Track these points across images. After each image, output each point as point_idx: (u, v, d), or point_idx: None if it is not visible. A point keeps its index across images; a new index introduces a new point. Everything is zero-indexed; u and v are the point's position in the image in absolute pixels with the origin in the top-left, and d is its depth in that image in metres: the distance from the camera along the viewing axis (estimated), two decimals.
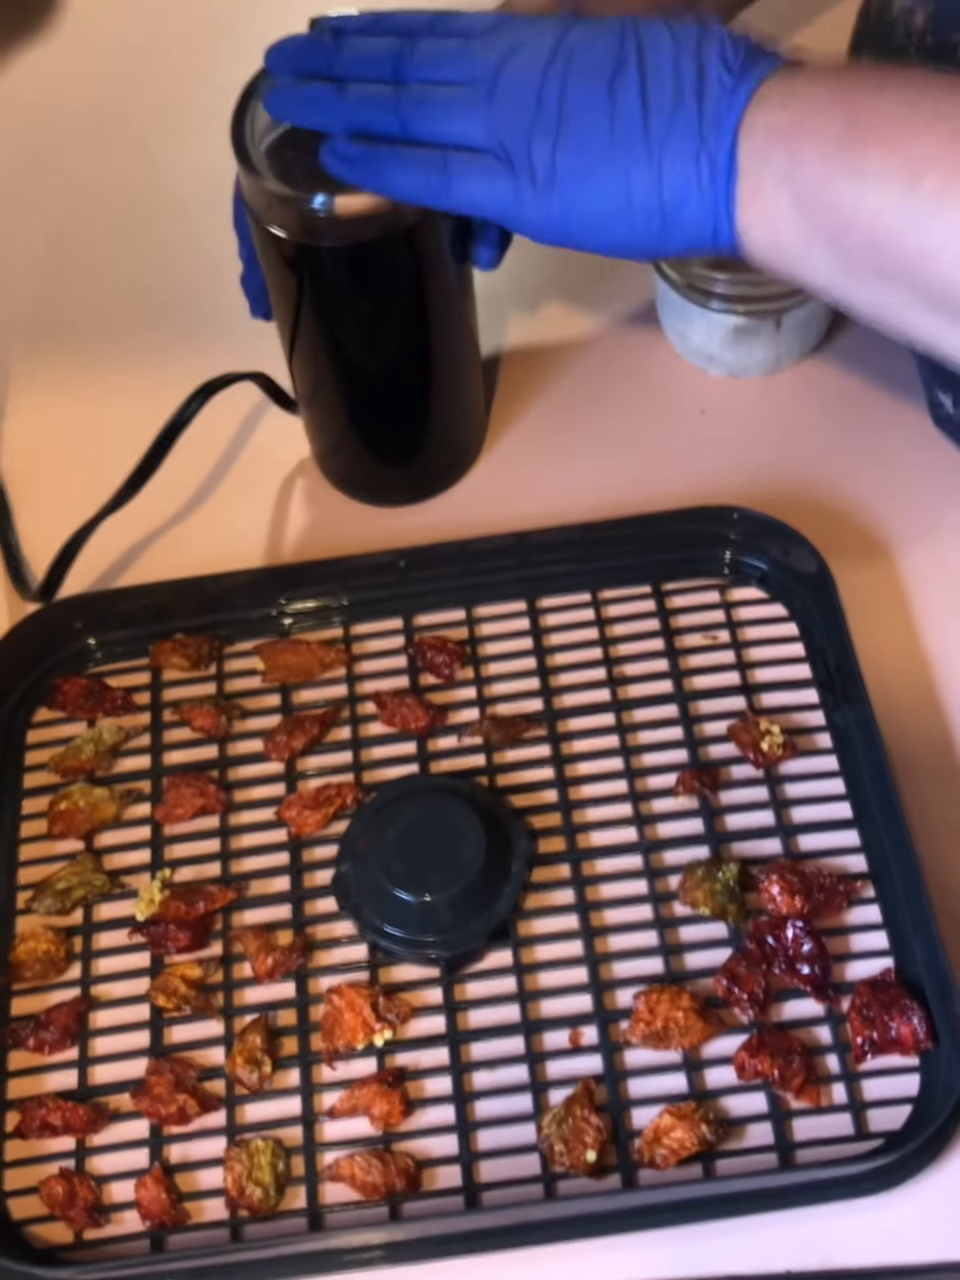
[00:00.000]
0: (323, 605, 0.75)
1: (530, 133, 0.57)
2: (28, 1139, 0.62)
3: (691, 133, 0.55)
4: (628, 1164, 0.59)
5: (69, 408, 0.86)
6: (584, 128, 0.57)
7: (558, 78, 0.57)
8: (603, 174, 0.57)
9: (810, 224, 0.54)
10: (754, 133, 0.54)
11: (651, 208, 0.57)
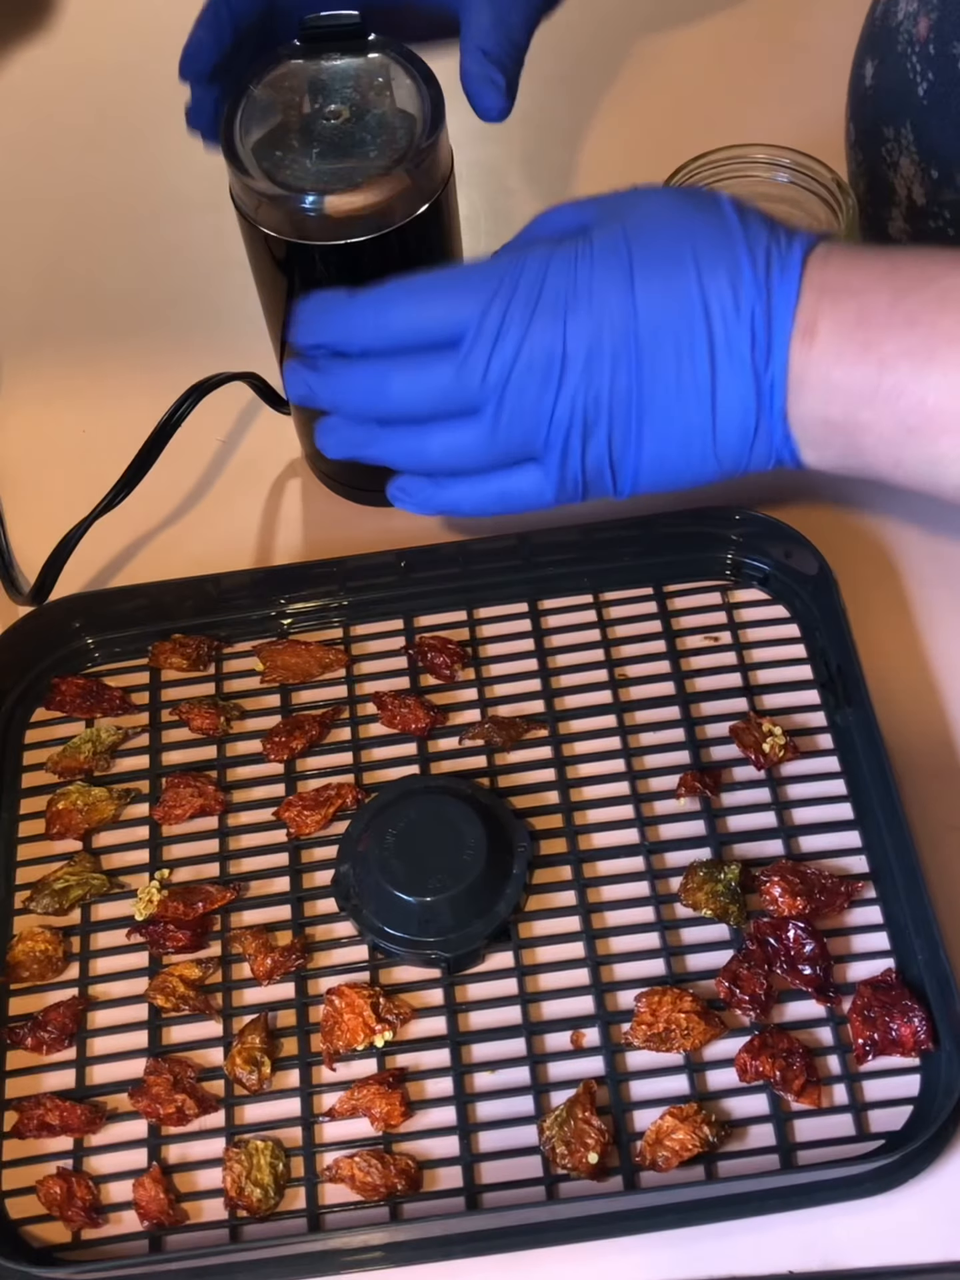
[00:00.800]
0: (322, 605, 0.75)
1: (562, 450, 0.56)
2: (25, 1138, 0.61)
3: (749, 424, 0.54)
4: (629, 1166, 0.59)
5: (63, 410, 0.86)
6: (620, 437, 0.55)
7: (575, 396, 0.54)
8: (664, 471, 0.56)
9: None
10: (806, 423, 0.54)
11: (712, 474, 0.57)
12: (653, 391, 0.53)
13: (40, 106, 1.01)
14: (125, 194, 0.95)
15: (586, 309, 0.52)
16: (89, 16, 1.05)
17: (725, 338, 0.52)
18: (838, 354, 0.51)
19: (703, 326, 0.52)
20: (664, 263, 0.52)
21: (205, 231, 0.91)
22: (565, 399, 0.54)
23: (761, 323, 0.51)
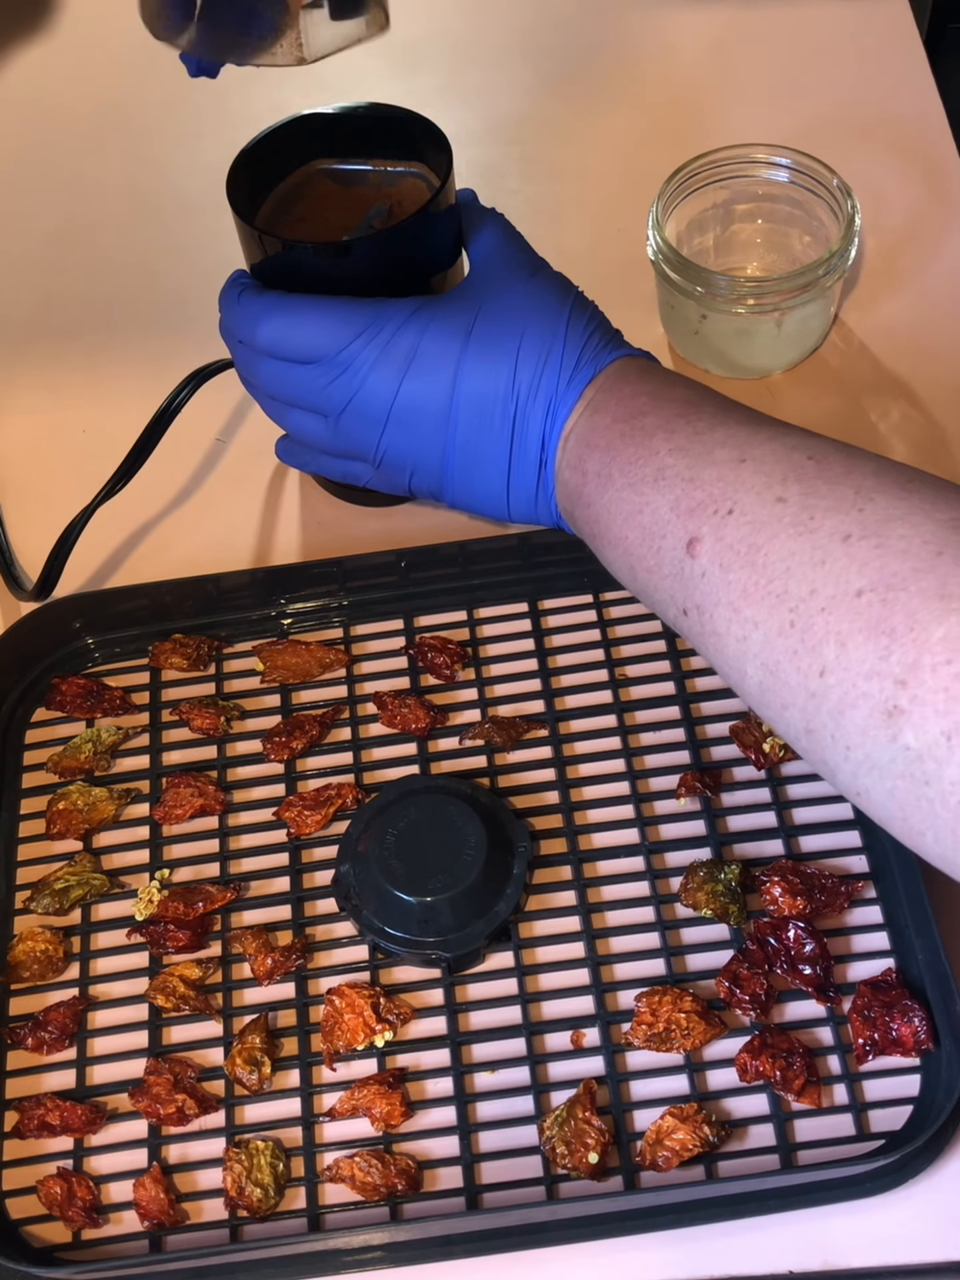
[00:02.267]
0: (322, 605, 0.75)
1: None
2: (26, 1138, 0.61)
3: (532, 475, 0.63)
4: (630, 1166, 0.59)
5: (63, 409, 0.86)
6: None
7: (394, 442, 0.64)
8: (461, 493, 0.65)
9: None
10: (560, 507, 0.63)
11: (511, 520, 0.65)
12: (460, 457, 0.63)
13: (40, 106, 1.01)
14: (125, 194, 0.96)
15: (420, 374, 0.62)
16: (89, 16, 1.05)
17: (523, 427, 0.61)
18: (569, 460, 0.60)
19: (508, 413, 0.61)
20: (493, 351, 0.61)
21: (205, 231, 0.91)
22: (387, 441, 0.63)
23: (547, 424, 0.61)
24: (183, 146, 0.98)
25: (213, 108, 0.98)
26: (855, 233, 0.78)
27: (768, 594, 0.51)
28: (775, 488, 0.53)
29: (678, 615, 0.56)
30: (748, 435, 0.56)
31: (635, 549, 0.57)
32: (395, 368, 0.62)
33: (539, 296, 0.62)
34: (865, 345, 0.84)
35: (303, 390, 0.64)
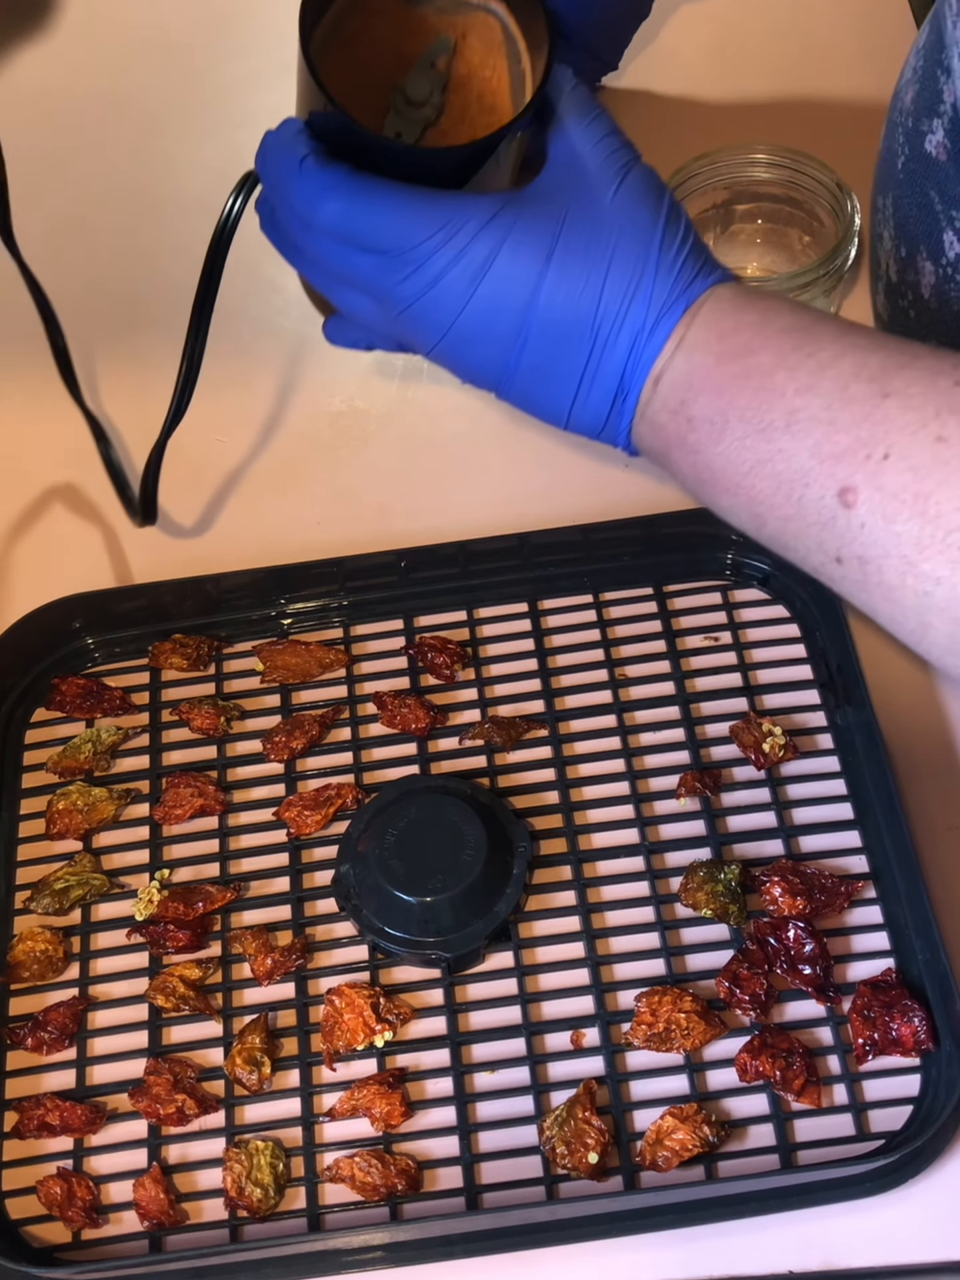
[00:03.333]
0: (322, 605, 0.75)
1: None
2: (25, 1139, 0.61)
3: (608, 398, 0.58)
4: (629, 1166, 0.59)
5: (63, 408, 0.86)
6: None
7: (460, 351, 0.58)
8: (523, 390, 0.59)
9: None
10: (640, 443, 0.58)
11: (558, 424, 0.59)
12: (526, 374, 0.57)
13: (40, 106, 1.01)
14: (125, 194, 0.95)
15: (494, 289, 0.56)
16: (89, 16, 1.05)
17: (601, 359, 0.56)
18: (664, 402, 0.56)
19: (586, 342, 0.56)
20: (578, 275, 0.56)
21: (205, 231, 0.91)
22: (449, 344, 0.58)
23: (631, 361, 0.56)
24: (183, 146, 0.98)
25: (213, 107, 0.98)
26: (855, 233, 0.78)
27: (947, 546, 0.48)
28: (931, 425, 0.49)
29: (825, 563, 0.53)
30: (880, 363, 0.51)
31: (766, 498, 0.53)
32: (469, 277, 0.56)
33: (631, 211, 0.56)
34: None
35: (362, 277, 0.58)
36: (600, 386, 0.57)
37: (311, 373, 0.85)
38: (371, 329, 0.62)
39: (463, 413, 0.83)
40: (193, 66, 1.01)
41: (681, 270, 0.56)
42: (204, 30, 1.03)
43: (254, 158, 0.61)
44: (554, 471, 0.80)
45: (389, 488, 0.81)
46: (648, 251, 0.56)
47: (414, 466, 0.82)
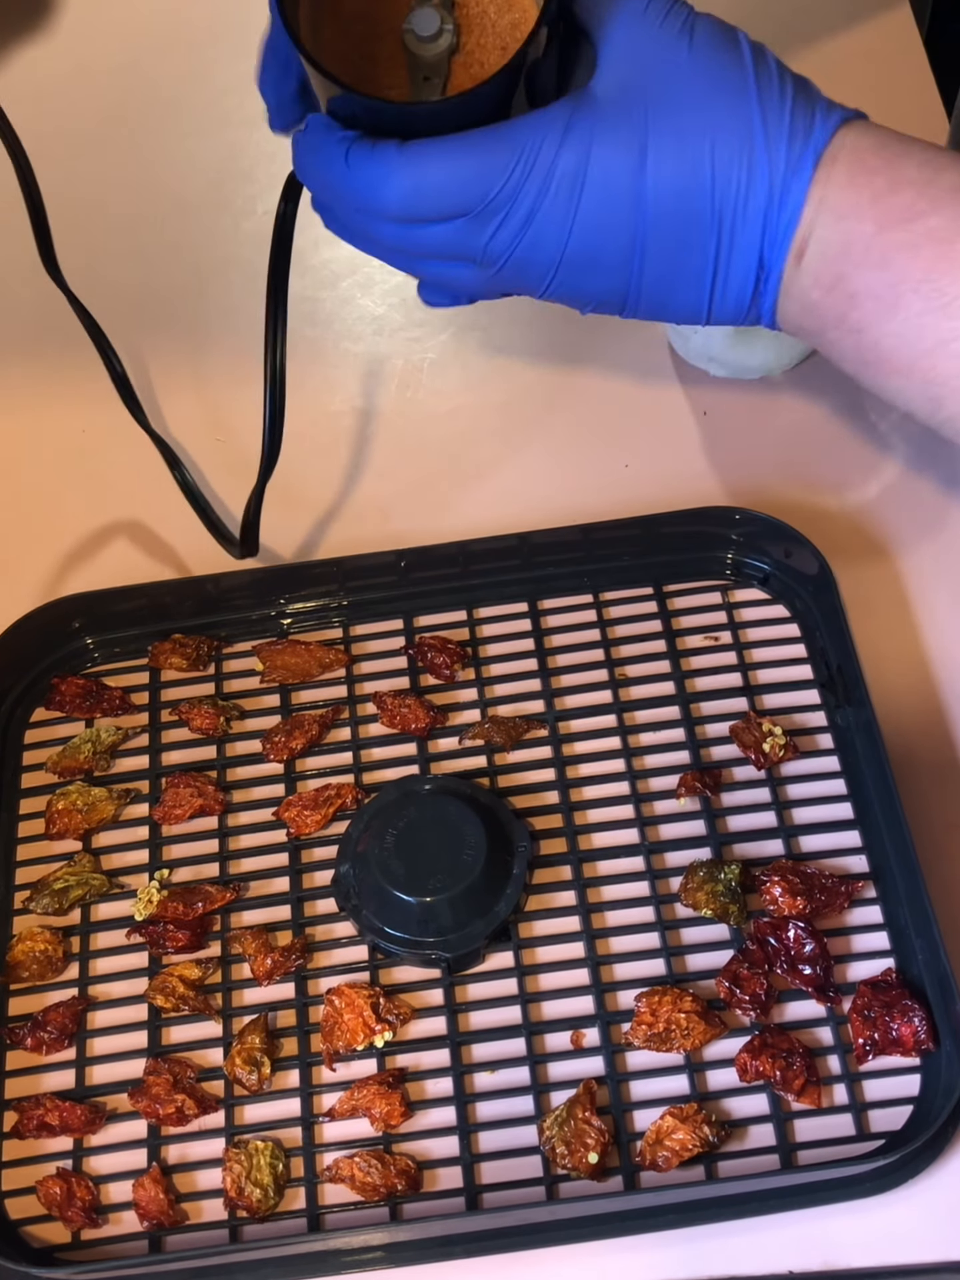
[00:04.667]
0: (322, 605, 0.75)
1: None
2: (25, 1139, 0.61)
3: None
4: (630, 1166, 0.59)
5: (63, 409, 0.86)
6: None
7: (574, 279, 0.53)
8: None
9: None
10: (786, 322, 0.53)
11: (698, 321, 0.55)
12: (652, 287, 0.53)
13: (40, 106, 1.01)
14: (125, 194, 0.95)
15: (595, 205, 0.51)
16: (89, 16, 1.05)
17: (732, 245, 0.51)
18: (815, 278, 0.51)
19: (711, 234, 0.51)
20: (680, 163, 0.50)
21: (205, 231, 0.91)
22: (562, 279, 0.53)
23: (766, 239, 0.51)
24: (182, 146, 0.98)
25: (211, 107, 0.98)
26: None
27: None
28: None
29: None
30: None
31: (947, 379, 0.49)
32: (562, 205, 0.51)
33: (712, 71, 0.50)
34: None
35: (449, 246, 0.53)
36: (737, 274, 0.52)
37: (311, 373, 0.85)
38: (472, 291, 0.57)
39: (463, 413, 0.83)
40: (191, 67, 1.01)
41: (794, 119, 0.50)
42: (203, 30, 1.02)
43: (292, 162, 0.57)
44: (554, 471, 0.80)
45: (389, 488, 0.81)
46: (747, 108, 0.50)
47: (414, 466, 0.82)
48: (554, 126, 0.50)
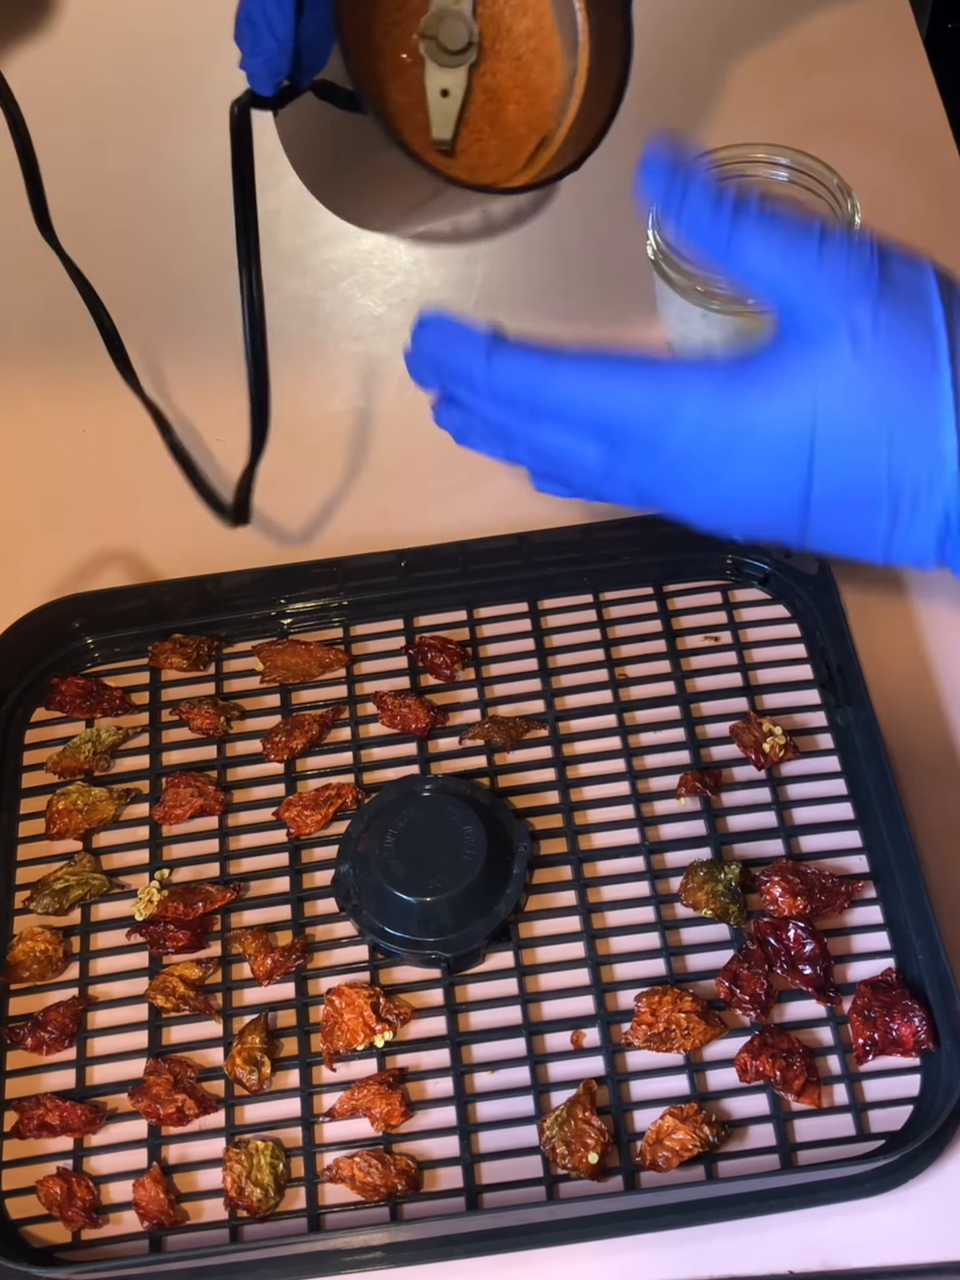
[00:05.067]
0: (322, 605, 0.75)
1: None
2: (25, 1139, 0.61)
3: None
4: (630, 1166, 0.59)
5: (63, 408, 0.86)
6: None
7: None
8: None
9: None
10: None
11: (877, 555, 0.51)
12: (821, 530, 0.50)
13: (40, 106, 1.01)
14: (125, 194, 0.95)
15: (749, 453, 0.48)
16: (89, 16, 1.05)
17: (912, 511, 0.48)
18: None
19: (885, 502, 0.48)
20: (851, 430, 0.47)
21: (205, 231, 0.91)
22: (707, 518, 0.52)
23: (946, 528, 0.48)
24: (181, 146, 0.97)
25: (210, 107, 0.98)
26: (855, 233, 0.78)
27: None
28: None
29: None
30: None
31: None
32: (713, 458, 0.48)
33: (896, 345, 0.46)
34: None
35: (592, 462, 0.51)
36: (918, 534, 0.48)
37: (311, 373, 0.85)
38: (598, 494, 0.54)
39: None
40: (191, 67, 1.00)
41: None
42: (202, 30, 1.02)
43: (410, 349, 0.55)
44: None
45: (389, 488, 0.81)
46: (933, 387, 0.46)
47: (414, 466, 0.82)
48: (707, 388, 0.48)
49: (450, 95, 0.57)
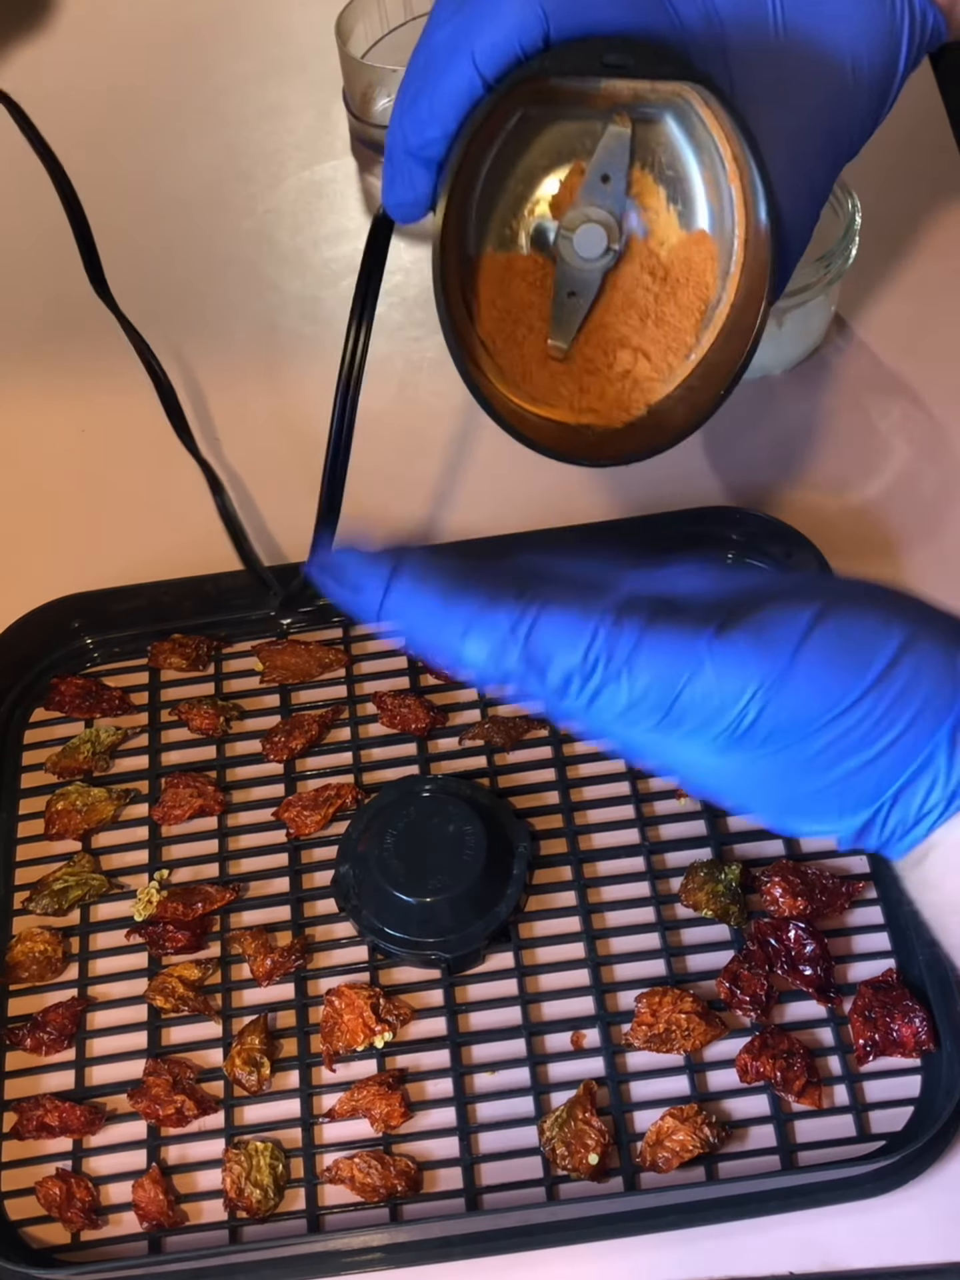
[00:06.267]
0: (322, 605, 0.75)
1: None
2: (25, 1139, 0.61)
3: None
4: (630, 1167, 0.59)
5: (63, 408, 0.86)
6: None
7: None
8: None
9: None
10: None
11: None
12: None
13: (39, 106, 1.01)
14: (124, 194, 0.95)
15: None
16: (89, 16, 1.05)
17: (885, 816, 0.46)
18: (950, 865, 0.47)
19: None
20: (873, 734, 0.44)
21: (205, 231, 0.91)
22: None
23: (918, 825, 0.46)
24: (181, 146, 0.98)
25: (210, 108, 0.98)
26: (855, 233, 0.78)
27: None
28: None
29: None
30: None
31: None
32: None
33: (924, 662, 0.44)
34: (865, 345, 0.84)
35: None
36: (872, 830, 0.46)
37: (311, 372, 0.85)
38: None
39: (463, 413, 0.83)
40: (192, 66, 1.00)
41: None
42: (202, 30, 1.02)
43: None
44: (554, 471, 0.80)
45: (389, 488, 0.81)
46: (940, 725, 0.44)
47: (414, 466, 0.82)
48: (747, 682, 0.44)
49: (576, 298, 0.54)
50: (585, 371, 0.57)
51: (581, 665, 0.44)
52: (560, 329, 0.54)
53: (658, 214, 0.53)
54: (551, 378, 0.57)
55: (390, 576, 0.45)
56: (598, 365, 0.56)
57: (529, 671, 0.45)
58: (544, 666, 0.44)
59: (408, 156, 0.52)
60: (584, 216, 0.52)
